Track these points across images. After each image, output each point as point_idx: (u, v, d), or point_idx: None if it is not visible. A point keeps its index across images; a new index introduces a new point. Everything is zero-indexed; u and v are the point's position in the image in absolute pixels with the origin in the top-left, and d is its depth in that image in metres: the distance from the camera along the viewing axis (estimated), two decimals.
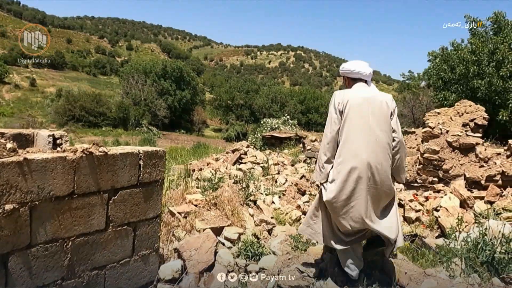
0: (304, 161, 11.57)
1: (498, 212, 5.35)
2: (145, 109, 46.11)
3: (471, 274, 2.99)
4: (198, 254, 3.66)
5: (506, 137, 13.32)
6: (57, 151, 2.00)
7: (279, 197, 5.49)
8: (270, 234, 4.46)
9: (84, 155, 2.03)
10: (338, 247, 2.96)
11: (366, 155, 2.87)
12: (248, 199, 4.91)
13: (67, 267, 2.02)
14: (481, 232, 3.79)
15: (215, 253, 3.69)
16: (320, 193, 2.98)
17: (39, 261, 1.90)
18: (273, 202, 5.25)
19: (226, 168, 8.94)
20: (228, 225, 4.37)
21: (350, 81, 3.28)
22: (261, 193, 5.36)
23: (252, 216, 4.67)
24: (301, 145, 14.47)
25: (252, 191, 5.05)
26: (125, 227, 2.32)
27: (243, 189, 4.93)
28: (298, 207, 5.24)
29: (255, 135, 19.53)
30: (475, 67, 20.63)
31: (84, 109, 40.20)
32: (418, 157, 6.90)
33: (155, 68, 53.06)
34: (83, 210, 2.07)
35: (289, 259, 3.30)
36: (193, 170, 8.88)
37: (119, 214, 2.26)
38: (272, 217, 4.81)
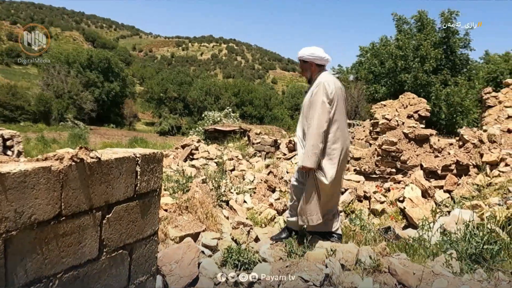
0: (254, 155, 11.36)
1: (458, 200, 5.58)
2: (69, 102, 42.57)
3: (476, 270, 2.96)
4: (180, 267, 3.20)
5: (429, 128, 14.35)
6: (37, 160, 1.47)
7: (250, 195, 5.17)
8: (248, 236, 4.13)
9: (73, 163, 1.52)
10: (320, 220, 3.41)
11: (347, 140, 3.41)
12: (220, 199, 4.52)
13: None
14: (465, 223, 3.83)
15: (198, 264, 3.28)
16: (314, 180, 3.26)
17: None
18: (244, 201, 4.92)
19: (178, 165, 8.37)
20: (203, 230, 3.95)
21: (316, 67, 3.38)
22: (231, 192, 4.99)
23: (227, 218, 4.30)
24: (246, 139, 14.23)
25: (224, 191, 4.66)
26: (121, 251, 1.84)
27: (214, 189, 4.52)
28: (271, 205, 4.97)
29: (197, 129, 18.93)
30: (402, 61, 22.03)
31: None
32: (376, 148, 7.01)
33: (79, 58, 49.19)
34: (73, 236, 1.57)
35: (287, 266, 3.00)
36: None
37: (114, 236, 1.78)
38: (246, 218, 4.48)
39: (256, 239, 4.06)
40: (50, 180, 1.44)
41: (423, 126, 8.72)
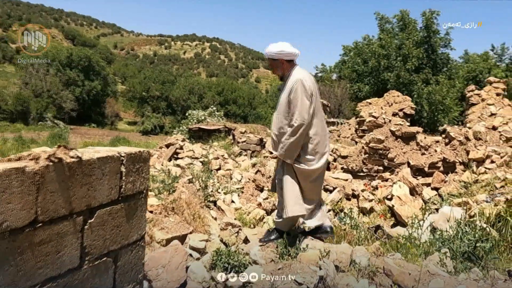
0: (240, 154, 11.23)
1: (446, 198, 5.58)
2: (48, 101, 41.52)
3: (472, 269, 2.91)
4: (167, 271, 3.06)
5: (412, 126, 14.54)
6: (9, 160, 1.32)
7: (238, 195, 5.04)
8: (236, 237, 4.01)
9: (50, 163, 1.37)
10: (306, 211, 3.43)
11: (327, 133, 3.50)
12: (207, 200, 4.38)
13: None
14: (457, 221, 3.80)
15: (186, 268, 3.14)
16: (294, 173, 3.32)
17: None
18: (232, 201, 4.79)
19: (162, 165, 8.17)
20: (190, 232, 3.81)
21: (287, 63, 3.34)
22: (219, 192, 4.85)
23: (215, 219, 4.17)
24: (230, 137, 14.07)
25: (211, 191, 4.52)
26: (104, 258, 1.69)
27: (201, 189, 4.38)
28: (259, 205, 4.85)
29: (181, 128, 18.65)
30: (385, 60, 22.23)
31: None
32: (363, 146, 6.97)
33: (59, 56, 47.98)
34: (51, 244, 1.42)
35: (279, 269, 2.89)
36: None
37: (97, 243, 1.63)
38: (235, 218, 4.35)
39: (246, 240, 3.94)
40: (24, 183, 1.29)
41: (408, 124, 8.76)
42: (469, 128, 7.19)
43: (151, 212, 3.84)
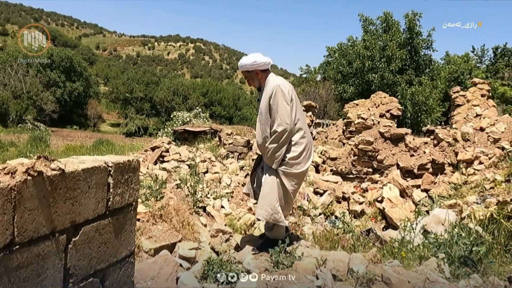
0: (227, 156, 11.08)
1: (437, 200, 5.56)
2: (28, 103, 40.47)
3: (471, 275, 2.85)
4: (156, 283, 2.91)
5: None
6: None
7: (228, 200, 4.90)
8: (228, 245, 3.87)
9: (29, 177, 1.22)
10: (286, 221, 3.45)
11: (310, 136, 3.46)
12: (197, 206, 4.22)
13: None
14: (452, 224, 3.76)
15: (177, 279, 2.99)
16: (279, 178, 3.27)
17: None
18: (222, 207, 4.64)
19: (148, 168, 7.96)
20: (179, 241, 3.66)
21: (262, 73, 3.38)
22: (208, 197, 4.70)
23: (205, 225, 4.02)
24: (217, 139, 13.90)
25: (200, 196, 4.37)
26: (91, 279, 1.54)
27: (190, 195, 4.22)
28: (250, 209, 4.72)
29: (165, 130, 18.35)
30: (369, 62, 22.40)
31: None
32: (352, 148, 6.92)
33: (39, 57, 46.84)
34: (30, 268, 1.27)
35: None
36: None
37: (83, 263, 1.48)
38: (225, 224, 4.22)
39: (237, 247, 3.81)
40: None
41: (396, 124, 8.76)
42: (456, 129, 7.23)
43: (138, 220, 3.67)
